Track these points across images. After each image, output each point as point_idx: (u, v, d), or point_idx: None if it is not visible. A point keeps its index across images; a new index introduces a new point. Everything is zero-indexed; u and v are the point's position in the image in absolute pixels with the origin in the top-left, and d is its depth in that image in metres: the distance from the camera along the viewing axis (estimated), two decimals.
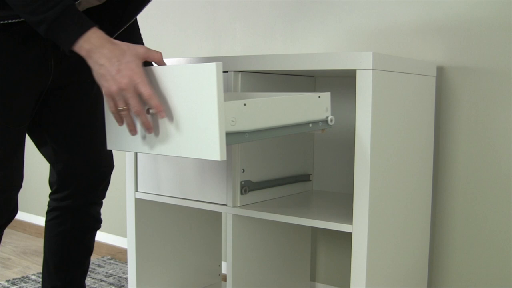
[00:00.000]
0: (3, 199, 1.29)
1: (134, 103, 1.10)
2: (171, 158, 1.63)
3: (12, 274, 2.33)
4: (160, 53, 1.16)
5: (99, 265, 2.43)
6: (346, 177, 1.80)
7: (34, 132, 1.44)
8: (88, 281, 2.20)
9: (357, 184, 1.31)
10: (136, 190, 1.72)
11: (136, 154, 1.70)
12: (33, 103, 1.32)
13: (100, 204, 1.59)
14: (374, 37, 1.79)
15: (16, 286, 2.17)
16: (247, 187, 1.53)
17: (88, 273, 2.30)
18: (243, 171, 1.53)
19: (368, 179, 1.29)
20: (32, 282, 2.21)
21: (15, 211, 1.36)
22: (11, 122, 1.27)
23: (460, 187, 1.67)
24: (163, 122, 1.13)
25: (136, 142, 1.19)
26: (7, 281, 2.23)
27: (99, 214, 1.59)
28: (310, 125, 1.26)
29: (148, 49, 1.14)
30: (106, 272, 2.34)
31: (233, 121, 1.08)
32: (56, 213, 1.53)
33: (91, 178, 1.51)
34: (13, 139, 1.29)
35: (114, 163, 1.59)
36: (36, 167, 2.74)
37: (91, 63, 1.11)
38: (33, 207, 3.01)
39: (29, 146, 1.48)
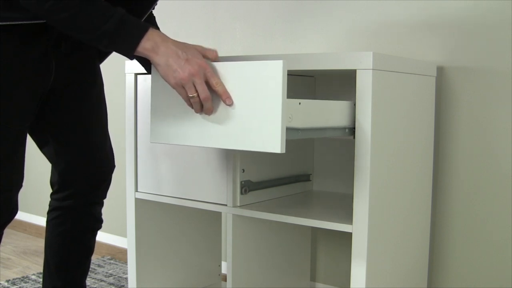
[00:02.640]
0: (3, 198, 1.29)
1: (202, 89, 1.14)
2: (170, 158, 1.63)
3: (12, 274, 2.33)
4: (216, 51, 1.20)
5: (99, 265, 2.43)
6: (346, 177, 1.80)
7: (36, 132, 1.44)
8: (88, 281, 2.20)
9: (357, 184, 1.31)
10: (136, 190, 1.72)
11: (136, 154, 1.70)
12: (35, 103, 1.32)
13: (101, 204, 1.59)
14: (374, 37, 1.79)
15: (16, 286, 2.17)
16: (247, 187, 1.53)
17: (88, 273, 2.30)
18: (243, 171, 1.53)
19: (368, 179, 1.29)
20: (32, 282, 2.21)
21: (15, 211, 1.36)
22: (11, 122, 1.27)
23: (460, 187, 1.67)
24: (221, 115, 1.17)
25: (186, 135, 1.23)
26: (7, 281, 2.23)
27: (100, 214, 1.59)
28: (346, 130, 1.32)
29: (203, 47, 1.20)
30: (106, 272, 2.34)
31: (290, 117, 1.14)
32: (57, 213, 1.53)
33: (92, 178, 1.51)
34: (13, 139, 1.29)
35: (115, 163, 1.59)
36: (36, 167, 2.74)
37: (157, 58, 1.14)
38: (33, 207, 3.01)
39: (30, 146, 1.48)
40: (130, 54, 1.16)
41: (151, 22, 1.50)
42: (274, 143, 1.10)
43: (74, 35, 1.17)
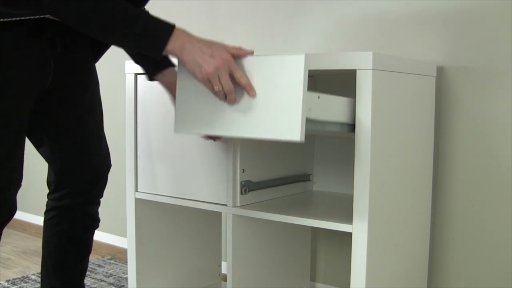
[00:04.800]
0: (3, 198, 1.30)
1: (226, 82, 1.18)
2: (170, 158, 1.63)
3: (12, 274, 2.33)
4: (240, 48, 1.23)
5: (99, 265, 2.43)
6: (346, 177, 1.80)
7: (33, 132, 1.44)
8: (88, 281, 2.20)
9: (357, 184, 1.31)
10: (136, 190, 1.72)
11: (136, 154, 1.70)
12: (32, 103, 1.32)
13: (98, 203, 1.59)
14: (374, 37, 1.79)
15: (16, 286, 2.17)
16: (247, 187, 1.53)
17: (88, 273, 2.30)
18: (243, 171, 1.53)
19: (368, 179, 1.29)
20: (32, 282, 2.21)
21: (14, 210, 1.36)
22: (12, 122, 1.27)
23: (460, 187, 1.67)
24: (244, 105, 1.21)
25: (210, 125, 1.27)
26: (7, 281, 2.23)
27: (97, 213, 1.59)
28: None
29: (227, 45, 1.24)
30: (106, 272, 2.34)
31: (309, 109, 1.19)
32: (54, 212, 1.53)
33: (88, 177, 1.51)
34: (13, 139, 1.29)
35: (115, 163, 1.59)
36: (36, 167, 2.74)
37: (184, 55, 1.18)
38: (33, 207, 3.01)
39: (30, 146, 1.48)
40: (159, 54, 1.19)
41: None
42: (294, 132, 1.14)
43: (101, 38, 1.21)
